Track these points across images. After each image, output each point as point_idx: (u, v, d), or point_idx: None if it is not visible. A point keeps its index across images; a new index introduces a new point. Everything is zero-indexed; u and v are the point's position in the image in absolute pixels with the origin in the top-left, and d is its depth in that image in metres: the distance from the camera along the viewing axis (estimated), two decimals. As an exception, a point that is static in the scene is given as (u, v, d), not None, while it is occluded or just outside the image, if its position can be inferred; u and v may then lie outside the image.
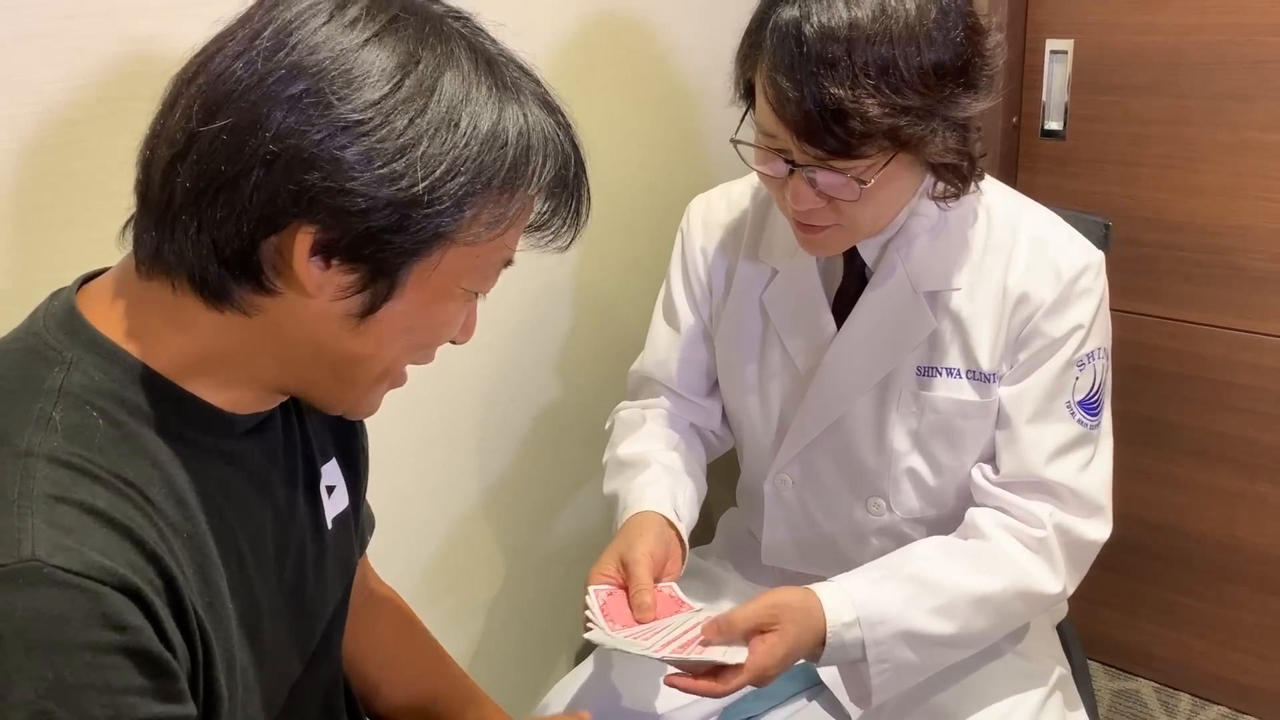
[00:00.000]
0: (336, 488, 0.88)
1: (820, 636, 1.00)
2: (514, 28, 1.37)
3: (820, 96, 0.92)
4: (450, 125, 0.64)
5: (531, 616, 1.64)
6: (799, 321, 1.17)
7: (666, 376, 1.29)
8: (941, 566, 1.06)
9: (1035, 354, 1.08)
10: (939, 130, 0.95)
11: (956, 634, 1.05)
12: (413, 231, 0.64)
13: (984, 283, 1.10)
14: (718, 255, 1.24)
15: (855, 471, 1.17)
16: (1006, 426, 1.10)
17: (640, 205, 1.62)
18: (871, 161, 0.96)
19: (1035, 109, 1.80)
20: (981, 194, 1.11)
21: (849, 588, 1.03)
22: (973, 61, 0.97)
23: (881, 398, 1.13)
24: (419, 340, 0.73)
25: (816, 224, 1.04)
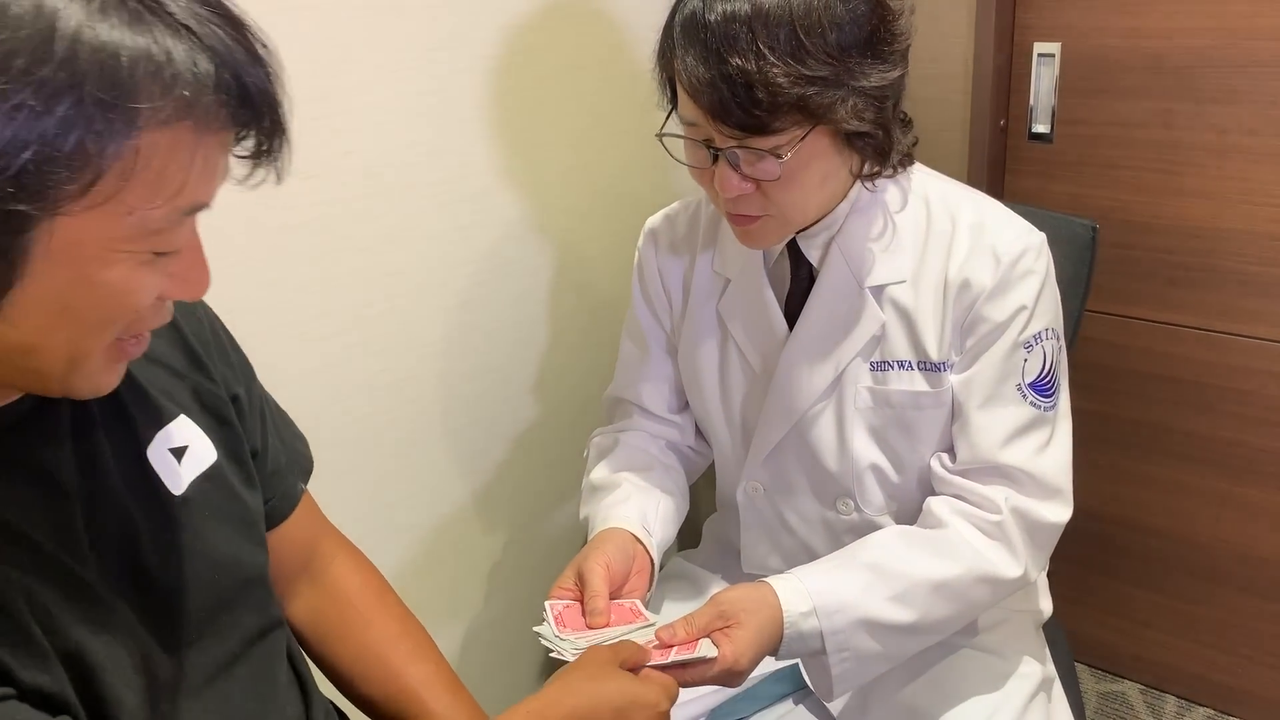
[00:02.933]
0: (190, 446, 0.82)
1: (779, 628, 1.00)
2: (503, 24, 1.38)
3: (727, 72, 0.94)
4: None
5: (515, 620, 1.64)
6: (753, 326, 1.18)
7: (636, 397, 1.30)
8: (898, 554, 1.06)
9: (981, 339, 1.08)
10: (848, 99, 0.96)
11: (917, 621, 1.04)
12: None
13: (927, 273, 1.10)
14: (674, 271, 1.25)
15: (821, 473, 1.17)
16: (960, 414, 1.10)
17: (625, 207, 1.63)
18: (787, 138, 0.98)
19: (1022, 112, 1.81)
20: (919, 184, 1.13)
21: (804, 577, 1.03)
22: (878, 33, 0.98)
23: (839, 397, 1.14)
24: (96, 317, 0.63)
25: (747, 213, 1.05)
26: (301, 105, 1.18)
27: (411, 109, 1.30)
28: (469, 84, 1.36)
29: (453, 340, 1.43)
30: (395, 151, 1.29)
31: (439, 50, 1.31)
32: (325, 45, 1.19)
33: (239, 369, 0.90)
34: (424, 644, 0.99)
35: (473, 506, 1.52)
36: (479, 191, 1.41)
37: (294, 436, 0.99)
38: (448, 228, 1.38)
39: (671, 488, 1.24)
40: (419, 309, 1.37)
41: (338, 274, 1.27)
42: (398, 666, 0.96)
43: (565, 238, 1.56)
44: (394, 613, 1.00)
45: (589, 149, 1.56)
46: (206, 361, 0.86)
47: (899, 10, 1.01)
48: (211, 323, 0.89)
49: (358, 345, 1.31)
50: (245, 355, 0.93)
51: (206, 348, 0.86)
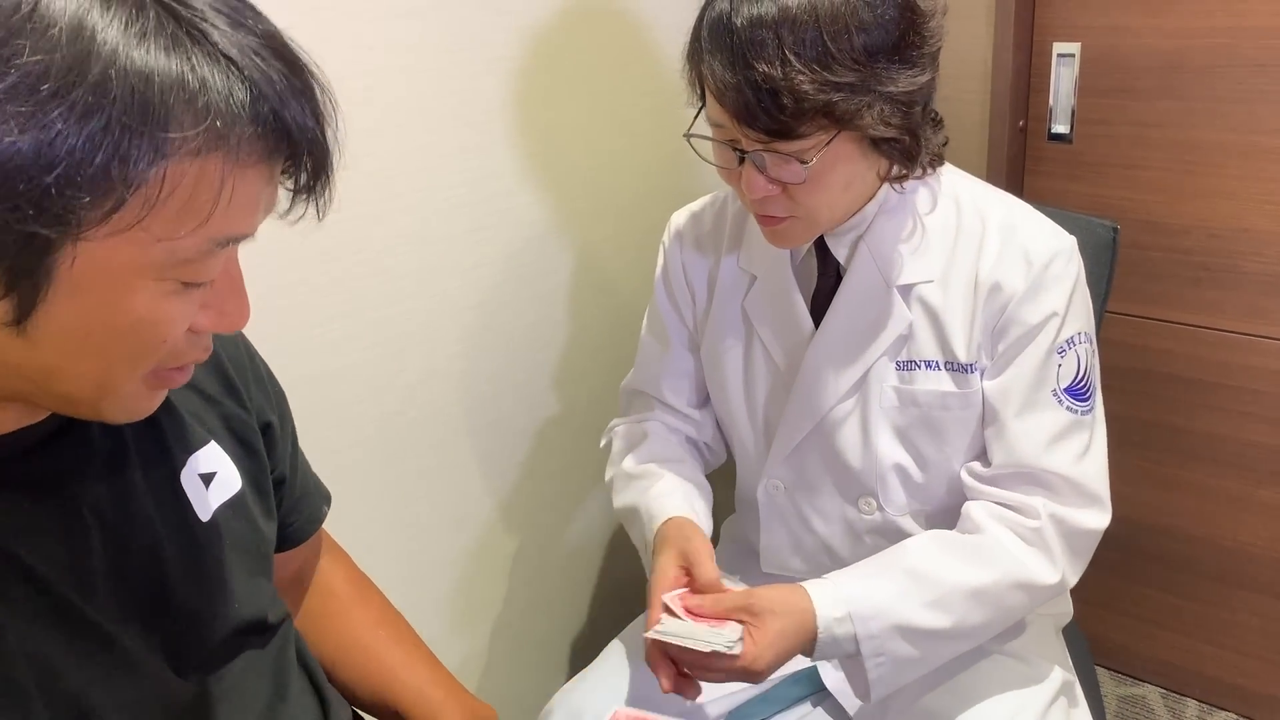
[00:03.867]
0: (218, 473, 0.81)
1: (812, 633, 1.01)
2: (521, 26, 1.38)
3: (753, 77, 0.94)
4: None
5: (533, 622, 1.64)
6: (778, 324, 1.18)
7: (657, 391, 1.31)
8: (935, 560, 1.06)
9: (1013, 344, 1.08)
10: (875, 105, 0.96)
11: (953, 627, 1.04)
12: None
13: (956, 273, 1.10)
14: (699, 267, 1.25)
15: (843, 471, 1.17)
16: (995, 421, 1.09)
17: (646, 207, 1.63)
18: (813, 142, 0.98)
19: (1042, 112, 1.80)
20: (949, 185, 1.13)
21: (840, 583, 1.04)
22: (906, 38, 0.98)
23: (863, 395, 1.14)
24: (124, 345, 0.61)
25: (774, 214, 1.05)
26: (320, 108, 1.19)
27: (430, 111, 1.30)
28: (488, 86, 1.36)
29: (471, 341, 1.43)
30: (414, 154, 1.30)
31: (458, 53, 1.32)
32: (344, 48, 1.19)
33: (273, 396, 0.90)
34: (402, 630, 1.02)
35: (493, 505, 1.53)
36: (498, 193, 1.41)
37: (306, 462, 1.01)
38: (466, 229, 1.38)
39: (702, 481, 1.25)
40: (437, 310, 1.38)
41: (356, 275, 1.27)
42: (377, 650, 0.99)
43: (585, 238, 1.56)
44: (373, 602, 1.03)
45: (609, 150, 1.56)
46: (240, 388, 0.85)
47: (930, 12, 1.00)
48: (248, 348, 0.89)
49: (375, 346, 1.32)
50: (279, 383, 0.92)
51: (242, 373, 0.86)
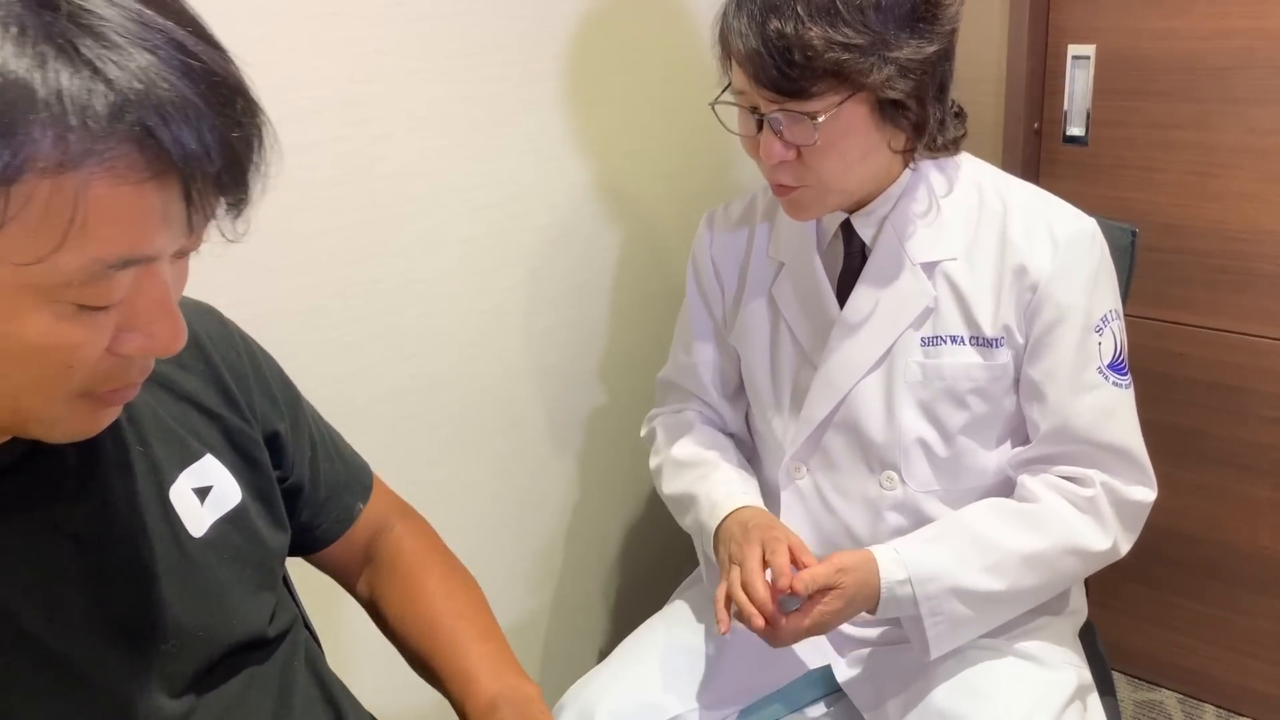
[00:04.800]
0: (215, 487, 0.79)
1: (875, 593, 1.08)
2: (533, 32, 1.39)
3: (768, 34, 1.01)
4: None
5: (547, 620, 1.64)
6: (805, 307, 1.22)
7: (689, 382, 1.35)
8: (992, 526, 1.12)
9: (1048, 325, 1.11)
10: (883, 68, 1.02)
11: (1007, 590, 1.11)
12: None
13: (980, 250, 1.14)
14: (730, 260, 1.29)
15: (866, 446, 1.19)
16: (1041, 400, 1.13)
17: (661, 211, 1.63)
18: (824, 103, 1.03)
19: (1057, 115, 1.80)
20: (970, 171, 1.17)
21: (902, 548, 1.10)
22: (918, 10, 1.04)
23: (888, 370, 1.17)
24: (24, 371, 0.58)
25: (787, 182, 1.10)
26: (335, 111, 1.21)
27: (443, 115, 1.31)
28: (502, 91, 1.37)
29: (487, 344, 1.44)
30: (427, 158, 1.30)
31: (471, 57, 1.32)
32: (357, 52, 1.20)
33: (282, 403, 0.88)
34: (459, 596, 0.99)
35: (509, 507, 1.53)
36: (513, 196, 1.42)
37: (350, 457, 0.99)
38: (480, 233, 1.39)
39: (751, 469, 1.30)
40: (453, 313, 1.38)
41: (372, 279, 1.28)
42: (431, 616, 0.95)
43: (601, 240, 1.56)
44: (435, 568, 0.99)
45: (624, 153, 1.57)
46: (240, 398, 0.83)
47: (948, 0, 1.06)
48: (252, 355, 0.87)
49: (391, 350, 1.32)
50: (293, 386, 0.91)
51: (243, 383, 0.84)
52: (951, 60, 1.09)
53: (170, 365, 0.78)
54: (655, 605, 1.40)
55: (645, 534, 1.76)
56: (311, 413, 0.95)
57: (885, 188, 1.14)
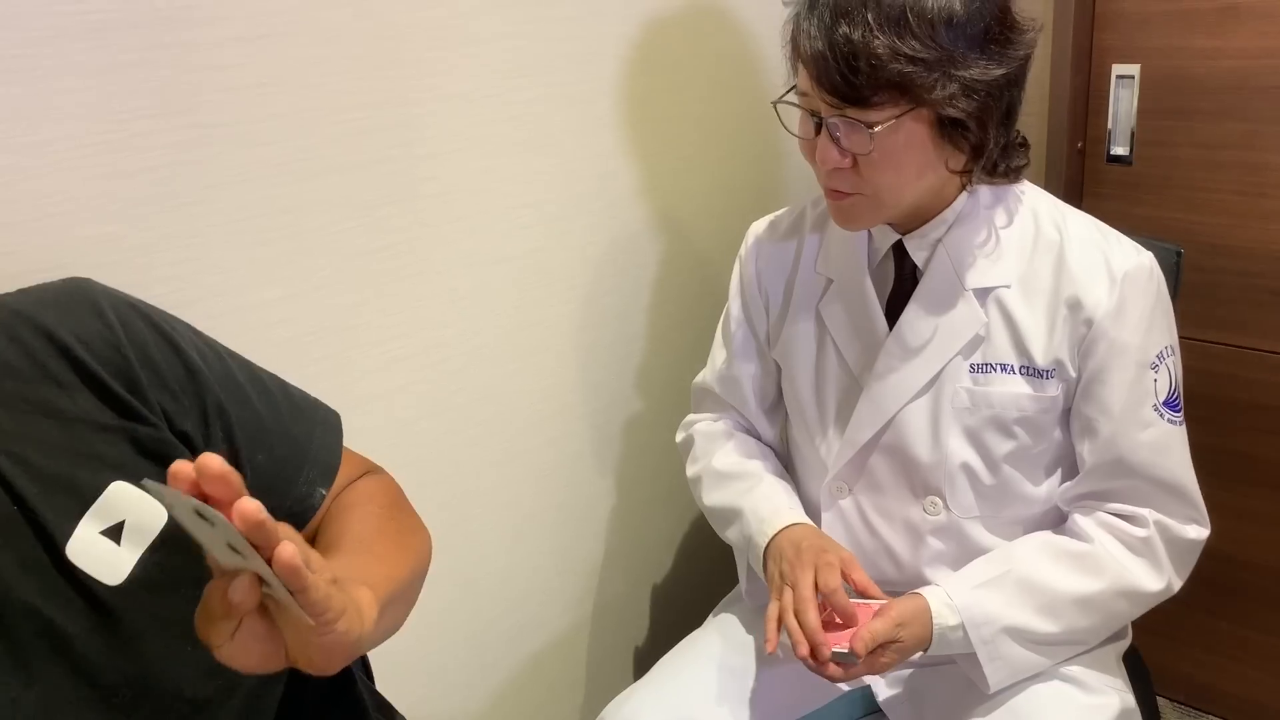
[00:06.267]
0: (129, 518, 0.70)
1: (928, 636, 1.09)
2: (578, 54, 1.41)
3: (835, 39, 1.00)
4: None
5: (588, 634, 1.65)
6: (853, 326, 1.21)
7: (729, 393, 1.35)
8: (1043, 568, 1.11)
9: (1103, 361, 1.10)
10: (947, 85, 1.00)
11: (1061, 632, 1.11)
12: None
13: (1035, 280, 1.12)
14: (775, 274, 1.29)
15: (910, 470, 1.18)
16: (1093, 435, 1.12)
17: (719, 224, 1.64)
18: (884, 114, 1.02)
19: (1101, 134, 1.79)
20: (1029, 200, 1.16)
21: (954, 593, 1.10)
22: (990, 32, 1.03)
23: (935, 395, 1.16)
24: None
25: (841, 189, 1.09)
26: (383, 132, 1.23)
27: (489, 136, 1.33)
28: (545, 112, 1.39)
29: (527, 359, 1.45)
30: (472, 178, 1.32)
31: (518, 78, 1.34)
32: (407, 74, 1.22)
33: (188, 387, 0.76)
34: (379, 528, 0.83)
35: (550, 523, 1.54)
36: (556, 217, 1.43)
37: (307, 432, 0.84)
38: (522, 250, 1.40)
39: (788, 481, 1.30)
40: (494, 330, 1.40)
41: (416, 296, 1.30)
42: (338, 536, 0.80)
43: (639, 258, 1.57)
44: (374, 509, 0.85)
45: (667, 173, 1.58)
46: (134, 402, 0.72)
47: (1025, 25, 1.05)
48: (139, 347, 0.74)
49: (434, 366, 1.34)
50: (198, 356, 0.77)
51: (133, 384, 0.73)
52: (1021, 88, 1.07)
53: (45, 387, 0.69)
54: (694, 619, 1.40)
55: (686, 548, 1.77)
56: (241, 391, 0.80)
57: (940, 209, 1.13)
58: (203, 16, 1.02)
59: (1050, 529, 1.17)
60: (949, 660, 1.14)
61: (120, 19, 0.97)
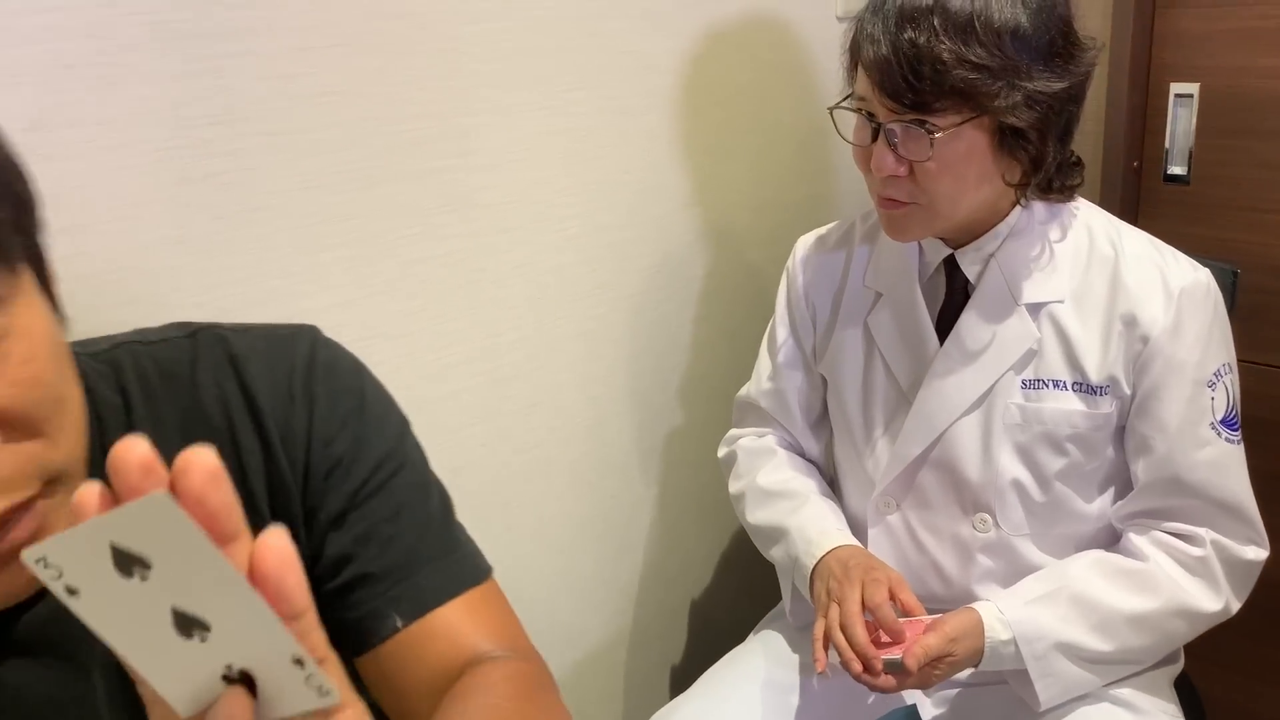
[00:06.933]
0: None
1: (980, 650, 1.08)
2: (633, 67, 1.42)
3: (900, 43, 1.00)
4: None
5: (635, 645, 1.65)
6: (903, 340, 1.20)
7: (773, 407, 1.34)
8: (1097, 585, 1.10)
9: (1159, 378, 1.09)
10: (1009, 95, 1.00)
11: (1114, 651, 1.09)
12: None
13: (1089, 296, 1.11)
14: (822, 288, 1.28)
15: (960, 487, 1.18)
16: (1148, 453, 1.11)
17: (767, 237, 1.65)
18: (945, 121, 1.02)
19: (1157, 153, 1.77)
20: (1083, 215, 1.15)
21: (1006, 608, 1.09)
22: (1054, 46, 1.02)
23: (986, 411, 1.15)
24: None
25: (896, 198, 1.08)
26: (440, 142, 1.25)
27: (543, 147, 1.34)
28: (600, 125, 1.40)
29: (574, 369, 1.46)
30: (526, 188, 1.34)
31: (575, 91, 1.36)
32: (464, 85, 1.24)
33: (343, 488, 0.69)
34: None
35: (597, 531, 1.55)
36: (607, 226, 1.44)
37: (427, 558, 0.73)
38: (573, 260, 1.42)
39: (834, 500, 1.30)
40: (544, 340, 1.41)
41: (469, 304, 1.31)
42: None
43: (687, 269, 1.58)
44: (489, 703, 0.68)
45: (719, 185, 1.58)
46: (289, 480, 0.68)
47: (1086, 43, 1.05)
48: (323, 436, 0.69)
49: (483, 374, 1.35)
50: (373, 466, 0.72)
51: (307, 472, 0.69)
52: (1080, 104, 1.07)
53: (227, 448, 0.66)
54: (735, 636, 1.40)
55: (727, 564, 1.76)
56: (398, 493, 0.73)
57: (993, 223, 1.13)
58: (268, 27, 1.05)
59: (1103, 547, 1.16)
60: (998, 679, 1.13)
61: (191, 29, 0.99)
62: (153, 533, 0.34)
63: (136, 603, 0.36)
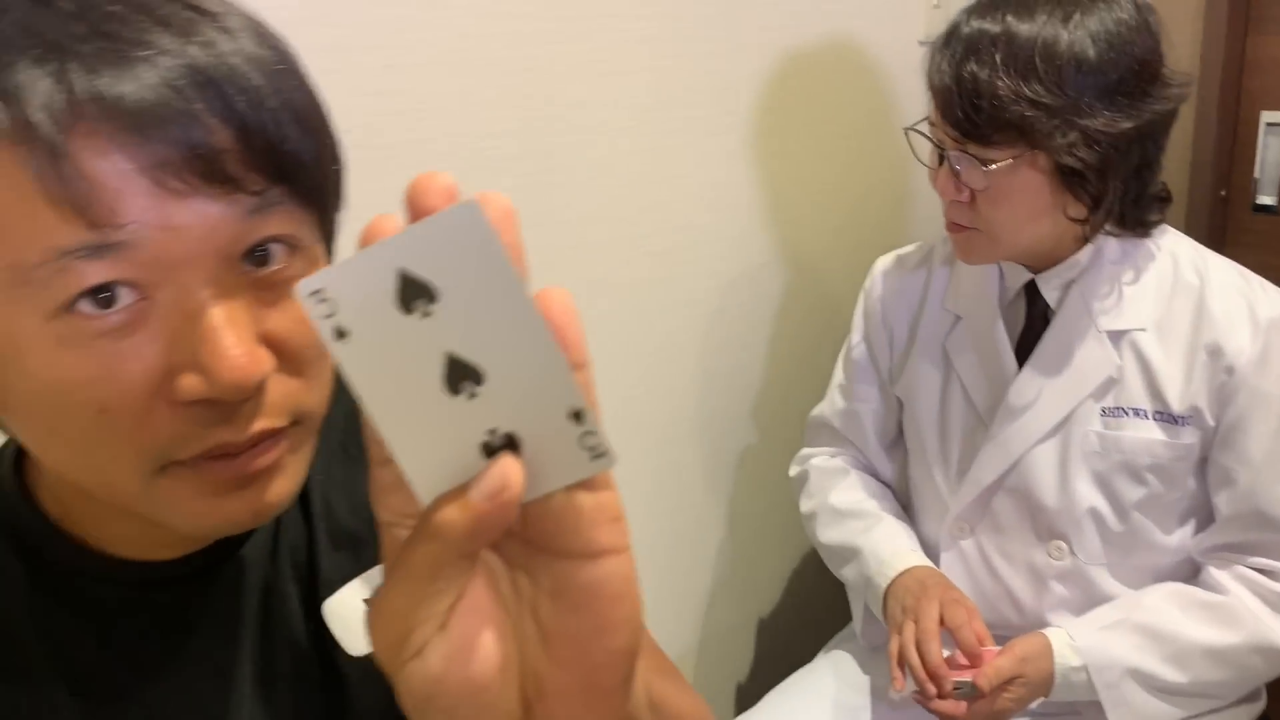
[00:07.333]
0: None
1: (1050, 678, 1.07)
2: (716, 87, 1.43)
3: (961, 75, 1.02)
4: None
5: (701, 663, 1.65)
6: (981, 364, 1.20)
7: (848, 428, 1.34)
8: (1173, 617, 1.08)
9: (1244, 410, 1.07)
10: (1068, 133, 1.00)
11: (1189, 683, 1.07)
12: None
13: (1172, 324, 1.10)
14: (901, 309, 1.29)
15: (1036, 513, 1.16)
16: (1231, 485, 1.09)
17: (845, 258, 1.65)
18: (1002, 154, 1.03)
19: (1246, 182, 1.73)
20: (1169, 244, 1.14)
21: (1077, 634, 1.08)
22: (1124, 84, 1.01)
23: (1064, 438, 1.14)
24: (66, 422, 0.48)
25: (959, 221, 1.10)
26: (524, 159, 1.27)
27: (625, 165, 1.36)
28: (681, 143, 1.42)
29: (649, 384, 1.47)
30: (605, 206, 1.36)
31: (657, 110, 1.38)
32: (549, 104, 1.27)
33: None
34: None
35: (666, 547, 1.55)
36: (683, 245, 1.46)
37: None
38: (650, 277, 1.43)
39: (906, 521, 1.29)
40: (618, 354, 1.43)
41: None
42: None
43: (763, 287, 1.59)
44: None
45: (793, 205, 1.59)
46: None
47: (1169, 79, 1.04)
48: None
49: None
50: None
51: None
52: (1157, 141, 1.06)
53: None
54: (803, 654, 1.40)
55: (796, 582, 1.76)
56: None
57: (1067, 251, 1.12)
58: (363, 44, 1.08)
59: (1182, 580, 1.14)
60: (1070, 710, 1.11)
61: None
62: (451, 254, 0.32)
63: (408, 347, 0.32)
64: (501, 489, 0.33)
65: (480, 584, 0.36)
